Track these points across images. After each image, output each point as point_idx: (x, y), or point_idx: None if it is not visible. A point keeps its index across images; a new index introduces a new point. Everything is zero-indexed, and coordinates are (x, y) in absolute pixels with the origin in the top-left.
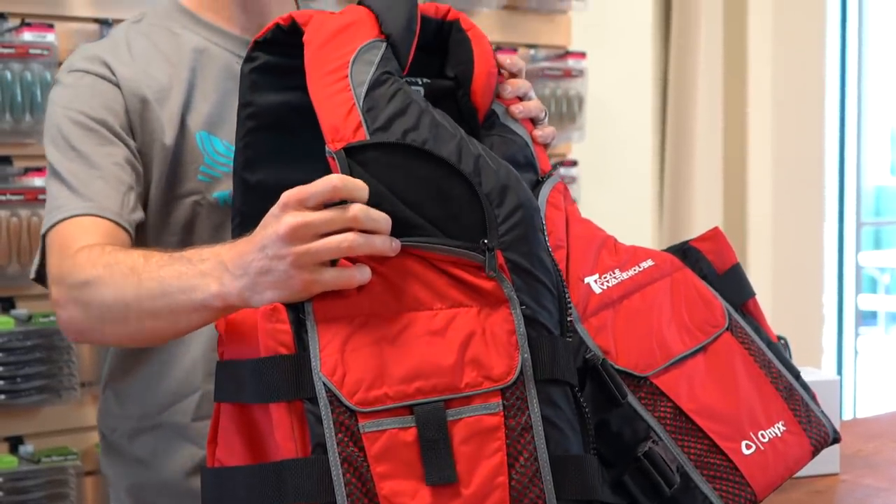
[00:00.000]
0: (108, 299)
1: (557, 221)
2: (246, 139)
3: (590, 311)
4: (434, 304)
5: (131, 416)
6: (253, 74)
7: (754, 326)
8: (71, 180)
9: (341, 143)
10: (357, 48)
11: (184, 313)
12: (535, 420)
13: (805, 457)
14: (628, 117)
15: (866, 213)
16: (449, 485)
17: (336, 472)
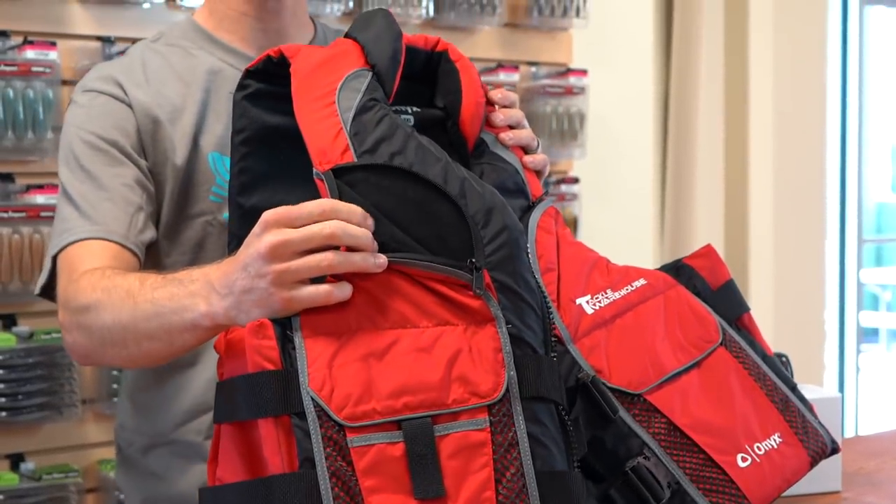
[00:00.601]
0: (107, 322)
1: (548, 245)
2: (240, 164)
3: (582, 331)
4: (421, 321)
5: (146, 431)
6: (245, 101)
7: (749, 340)
8: (80, 202)
9: (329, 164)
10: (344, 76)
11: (177, 333)
12: (520, 436)
13: (803, 468)
14: (629, 134)
15: (867, 230)
16: (437, 499)
17: (325, 486)
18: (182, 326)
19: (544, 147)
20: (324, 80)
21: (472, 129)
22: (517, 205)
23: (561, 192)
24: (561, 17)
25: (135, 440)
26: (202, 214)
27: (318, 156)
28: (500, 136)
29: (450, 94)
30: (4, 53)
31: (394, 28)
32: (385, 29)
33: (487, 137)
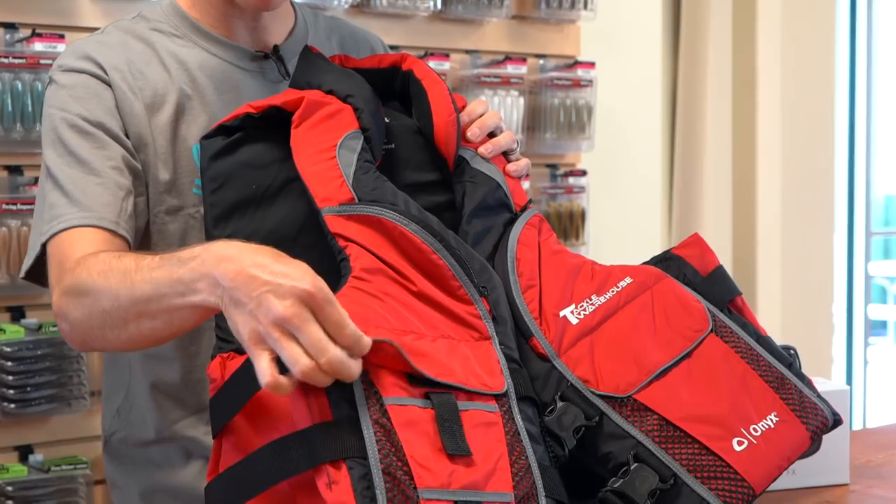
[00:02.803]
0: (105, 305)
1: (529, 260)
2: (211, 199)
3: (567, 343)
4: (427, 332)
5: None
6: (211, 145)
7: (741, 323)
8: (69, 187)
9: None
10: (342, 135)
11: (177, 312)
12: (520, 429)
13: (804, 443)
14: (637, 127)
15: (876, 223)
16: (464, 457)
17: (367, 431)
18: (182, 305)
19: (552, 140)
20: (324, 136)
21: (448, 148)
22: (500, 219)
23: (569, 185)
24: (569, 9)
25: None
26: (184, 207)
27: (324, 201)
28: (478, 150)
29: (422, 117)
30: (13, 46)
31: (375, 96)
32: (372, 96)
33: (467, 153)
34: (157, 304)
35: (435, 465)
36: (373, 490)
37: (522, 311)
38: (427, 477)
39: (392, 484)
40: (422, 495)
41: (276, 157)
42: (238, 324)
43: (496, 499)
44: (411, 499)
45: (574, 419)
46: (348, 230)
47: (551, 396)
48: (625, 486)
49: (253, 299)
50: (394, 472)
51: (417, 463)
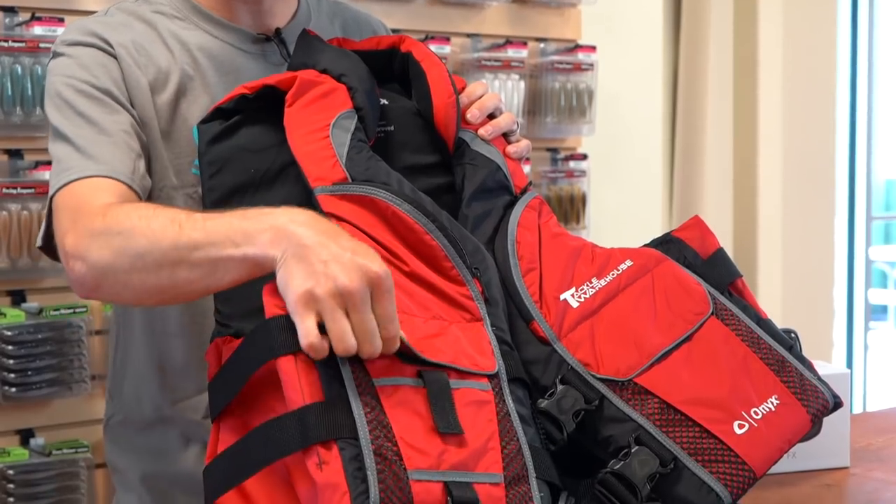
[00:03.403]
0: (141, 247)
1: (529, 243)
2: (209, 183)
3: (567, 327)
4: (419, 313)
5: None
6: (208, 130)
7: (742, 306)
8: (80, 143)
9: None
10: (336, 115)
11: (222, 263)
12: (511, 410)
13: (804, 426)
14: (638, 111)
15: (877, 208)
16: (455, 435)
17: (358, 411)
18: (231, 256)
19: (552, 124)
20: (318, 115)
21: (447, 130)
22: (500, 202)
23: (569, 169)
24: None
25: (130, 412)
26: (184, 186)
27: (317, 181)
28: (478, 132)
29: (422, 100)
30: (12, 30)
31: (370, 76)
32: (367, 75)
33: (466, 135)
34: (203, 252)
35: (425, 446)
36: (364, 471)
37: (523, 295)
38: (417, 458)
39: (384, 465)
40: (412, 476)
41: (274, 141)
42: (294, 278)
43: (486, 479)
44: (402, 480)
45: (574, 402)
46: (341, 209)
47: (551, 380)
48: (624, 468)
49: (321, 262)
50: (385, 453)
51: (407, 444)
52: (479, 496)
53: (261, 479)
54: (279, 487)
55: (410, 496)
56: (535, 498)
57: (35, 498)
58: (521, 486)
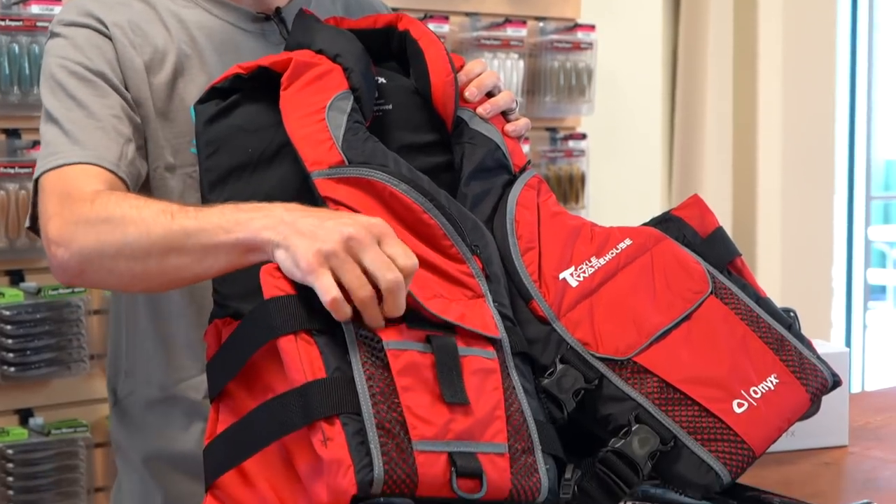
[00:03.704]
0: (129, 235)
1: (528, 222)
2: (206, 164)
3: (566, 306)
4: (421, 293)
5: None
6: (205, 110)
7: (741, 284)
8: (69, 127)
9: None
10: (331, 97)
11: (213, 250)
12: (515, 384)
13: (803, 405)
14: (638, 90)
15: (876, 188)
16: (461, 405)
17: (361, 385)
18: (222, 243)
19: (551, 103)
20: (313, 97)
21: (446, 109)
22: (498, 181)
23: (568, 149)
24: None
25: (134, 390)
26: (182, 166)
27: (313, 165)
28: (477, 110)
29: (420, 78)
30: (9, 8)
31: (366, 55)
32: (363, 55)
33: (465, 114)
34: (194, 239)
35: (431, 415)
36: (367, 445)
37: (522, 274)
38: (422, 427)
39: (387, 438)
40: (416, 448)
41: (272, 121)
42: (299, 248)
43: (491, 450)
44: (406, 452)
45: (574, 382)
46: (338, 193)
47: (551, 359)
48: (624, 446)
49: (318, 227)
50: (388, 425)
51: (413, 414)
52: (484, 466)
53: (259, 459)
54: (277, 466)
55: (415, 468)
56: (540, 469)
57: (34, 477)
58: (527, 458)
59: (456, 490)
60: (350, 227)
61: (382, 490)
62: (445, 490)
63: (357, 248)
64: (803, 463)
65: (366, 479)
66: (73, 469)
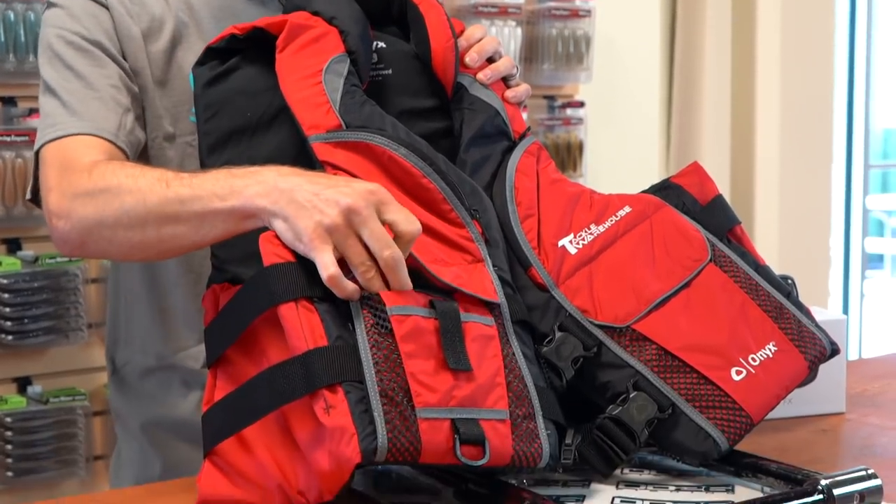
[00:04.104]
0: (127, 204)
1: (528, 189)
2: (205, 128)
3: (565, 273)
4: (421, 257)
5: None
6: (203, 73)
7: (740, 252)
8: (67, 98)
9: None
10: (328, 60)
11: (208, 217)
12: (515, 350)
13: (802, 372)
14: (636, 57)
15: (874, 156)
16: (464, 372)
17: (365, 353)
18: (218, 210)
19: (549, 71)
20: (309, 60)
21: (446, 75)
22: (498, 147)
23: (566, 117)
24: None
25: (132, 359)
26: (182, 135)
27: (311, 129)
28: (477, 76)
29: (420, 43)
30: None
31: (363, 18)
32: (359, 17)
33: (465, 79)
34: (189, 207)
35: (435, 382)
36: (370, 413)
37: (521, 241)
38: (426, 394)
39: (390, 406)
40: (419, 415)
41: (271, 84)
42: (300, 220)
43: (493, 416)
44: (409, 420)
45: (572, 349)
46: (336, 157)
47: (550, 326)
48: (622, 413)
49: (317, 196)
50: (391, 393)
51: (417, 381)
52: (486, 433)
53: (258, 426)
54: (276, 433)
55: (418, 436)
56: (541, 435)
57: (33, 445)
58: (528, 423)
59: (459, 457)
60: (349, 196)
61: (386, 458)
62: (448, 457)
63: (357, 221)
64: (800, 430)
65: (369, 448)
66: (72, 437)
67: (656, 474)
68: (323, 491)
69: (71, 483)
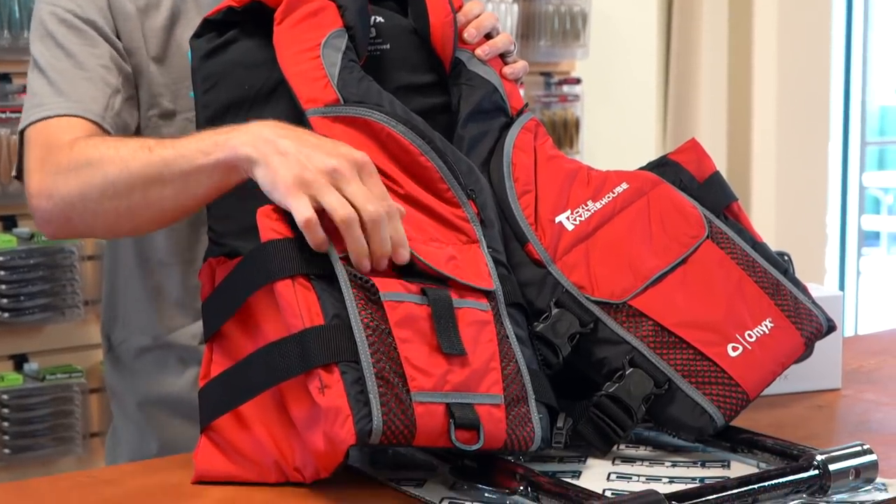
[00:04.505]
0: (110, 174)
1: (525, 165)
2: (203, 100)
3: (562, 249)
4: (416, 236)
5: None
6: (201, 45)
7: (737, 229)
8: (56, 78)
9: None
10: (326, 34)
11: (194, 175)
12: (509, 332)
13: (798, 349)
14: (633, 34)
15: (871, 133)
16: (459, 356)
17: (359, 334)
18: (203, 166)
19: (546, 48)
20: (308, 33)
21: (444, 50)
22: (496, 123)
23: (563, 93)
24: None
25: (127, 338)
26: (182, 112)
27: (308, 102)
28: (475, 52)
29: (419, 18)
30: None
31: None
32: None
33: (463, 55)
34: (174, 167)
35: (429, 366)
36: (366, 394)
37: (518, 217)
38: (420, 379)
39: (386, 388)
40: (414, 398)
41: (269, 57)
42: (279, 169)
43: (487, 401)
44: (405, 402)
45: (569, 326)
46: (334, 132)
47: (546, 302)
48: (619, 390)
49: (302, 152)
50: (387, 375)
51: (411, 365)
52: (481, 417)
53: (255, 403)
54: (273, 413)
55: (413, 419)
56: (534, 419)
57: (30, 423)
58: (520, 407)
59: (454, 441)
60: (334, 159)
61: (380, 440)
62: (443, 440)
63: (339, 180)
64: (796, 406)
65: (365, 430)
66: (69, 414)
67: (652, 450)
68: (319, 468)
69: (68, 460)
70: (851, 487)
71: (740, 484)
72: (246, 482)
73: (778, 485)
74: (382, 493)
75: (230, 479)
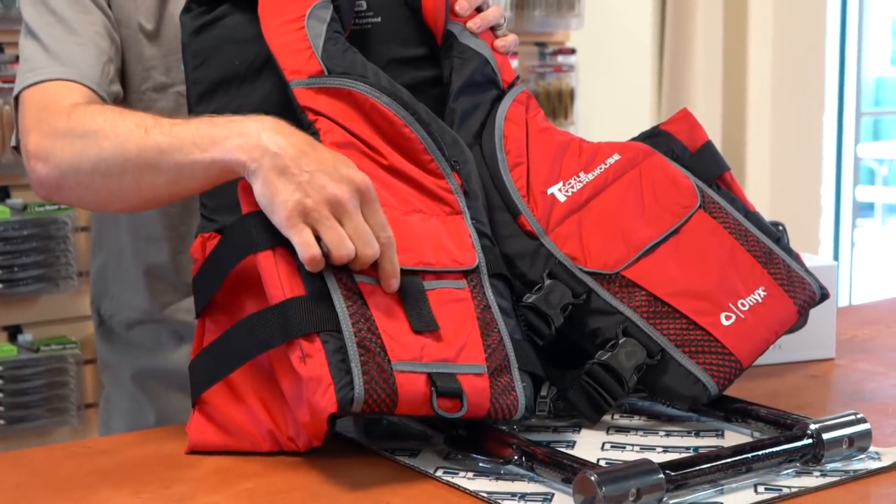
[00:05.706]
0: (105, 151)
1: (517, 137)
2: (194, 76)
3: (555, 221)
4: (400, 207)
5: (134, 306)
6: (191, 21)
7: (730, 199)
8: (49, 42)
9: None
10: (311, 5)
11: (187, 168)
12: (491, 302)
13: (791, 317)
14: (628, 3)
15: (866, 104)
16: (432, 332)
17: (339, 305)
18: (197, 161)
19: (541, 17)
20: (292, 5)
21: (436, 22)
22: (488, 96)
23: (557, 64)
24: None
25: (117, 312)
26: (173, 84)
27: (292, 74)
28: (467, 24)
29: None
30: None
31: None
32: None
33: (455, 28)
34: (168, 157)
35: (406, 339)
36: (348, 363)
37: (510, 189)
38: (399, 350)
39: (367, 357)
40: (395, 367)
41: (259, 32)
42: (280, 192)
43: (469, 370)
44: (386, 371)
45: (561, 297)
46: (318, 103)
47: (539, 274)
48: (611, 359)
49: (305, 173)
50: (368, 344)
51: (389, 336)
52: (464, 386)
53: (249, 374)
54: (266, 383)
55: (395, 387)
56: (517, 387)
57: (24, 394)
58: (503, 377)
59: (436, 409)
60: (338, 185)
61: (362, 409)
62: (425, 409)
63: (340, 212)
64: (790, 375)
65: (346, 398)
66: (63, 385)
67: (646, 420)
68: (311, 437)
69: (62, 431)
70: (845, 456)
71: (734, 453)
72: (240, 451)
73: (772, 454)
74: (377, 462)
75: (224, 448)
